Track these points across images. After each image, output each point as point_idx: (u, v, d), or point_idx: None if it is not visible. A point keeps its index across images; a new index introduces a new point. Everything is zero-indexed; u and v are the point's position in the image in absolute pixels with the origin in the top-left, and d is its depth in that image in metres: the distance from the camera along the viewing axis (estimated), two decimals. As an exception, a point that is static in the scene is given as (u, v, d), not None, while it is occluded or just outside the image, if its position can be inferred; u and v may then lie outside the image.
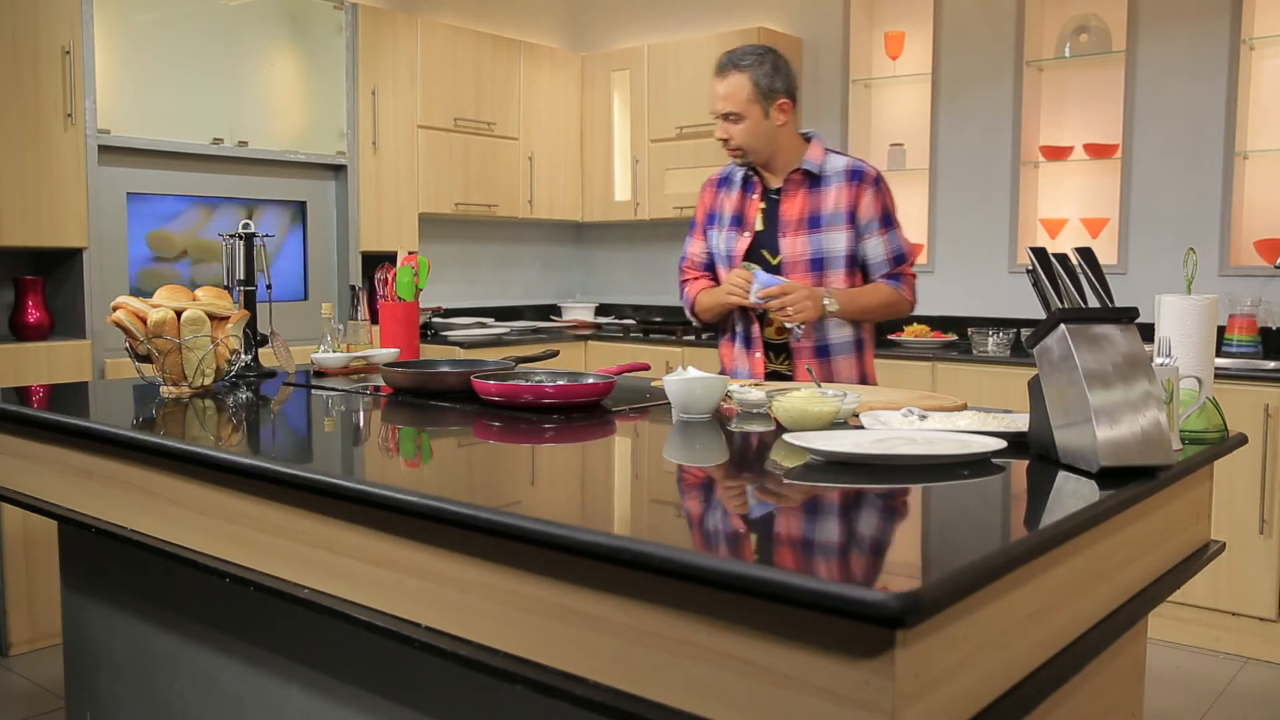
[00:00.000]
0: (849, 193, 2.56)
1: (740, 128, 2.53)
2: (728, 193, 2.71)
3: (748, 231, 2.63)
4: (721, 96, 2.53)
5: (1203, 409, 1.76)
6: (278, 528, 1.59)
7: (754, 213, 2.64)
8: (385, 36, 4.48)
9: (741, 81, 2.52)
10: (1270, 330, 3.85)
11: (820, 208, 2.57)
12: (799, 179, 2.59)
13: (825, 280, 2.56)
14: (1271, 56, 3.94)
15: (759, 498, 1.47)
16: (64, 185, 3.51)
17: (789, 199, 2.59)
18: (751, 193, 2.65)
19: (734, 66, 2.53)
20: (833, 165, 2.60)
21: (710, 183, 2.78)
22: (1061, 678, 1.28)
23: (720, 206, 2.71)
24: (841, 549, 1.18)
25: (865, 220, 2.57)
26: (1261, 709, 3.08)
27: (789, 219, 2.59)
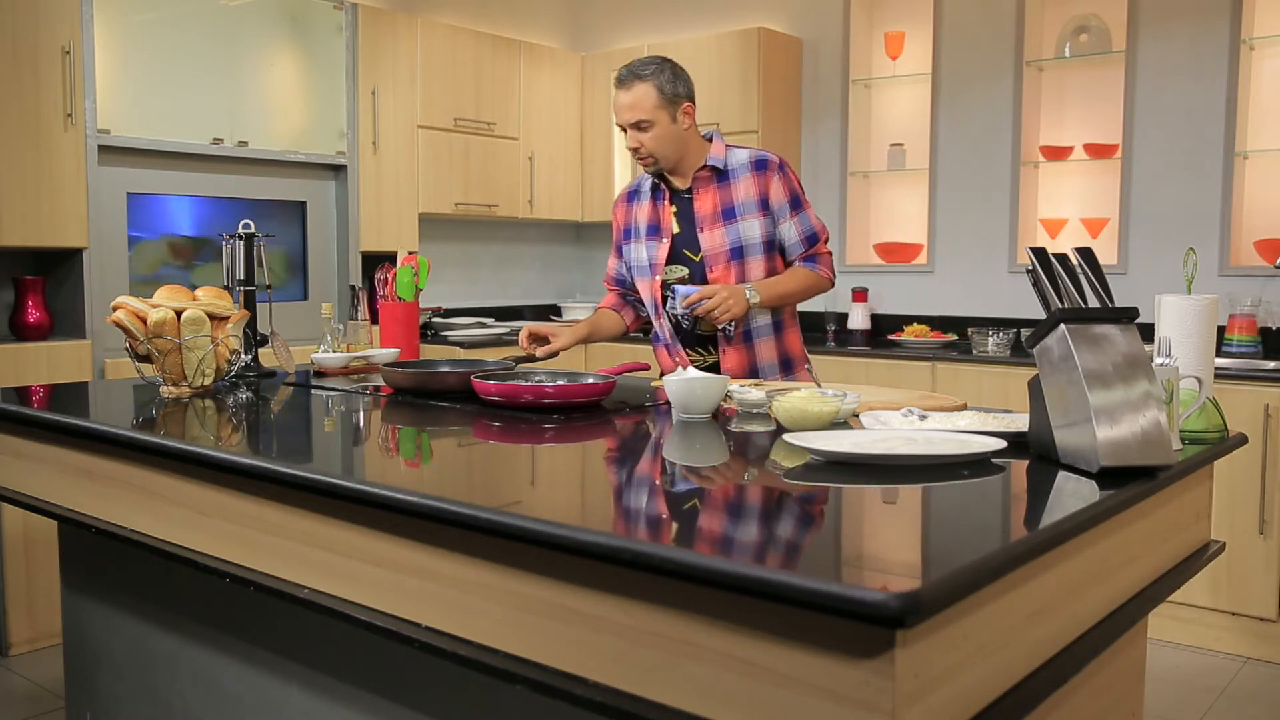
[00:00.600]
0: (757, 181, 2.64)
1: (650, 135, 2.59)
2: (639, 204, 2.78)
3: (665, 237, 2.70)
4: (628, 106, 2.59)
5: (1203, 409, 1.76)
6: (278, 528, 1.59)
7: (668, 218, 2.70)
8: (385, 36, 4.48)
9: (646, 90, 2.59)
10: (1270, 330, 3.85)
11: (732, 199, 2.65)
12: (706, 175, 2.66)
13: (747, 267, 2.63)
14: (1271, 56, 3.94)
15: (759, 498, 1.47)
16: (64, 185, 3.51)
17: (701, 196, 2.66)
18: (661, 199, 2.72)
19: (635, 77, 2.60)
20: (736, 158, 2.68)
21: (620, 199, 2.86)
22: (1061, 678, 1.28)
23: (634, 219, 2.78)
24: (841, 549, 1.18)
25: (776, 206, 2.65)
26: (1261, 709, 3.08)
27: (704, 214, 2.65)
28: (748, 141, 4.79)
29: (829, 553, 1.19)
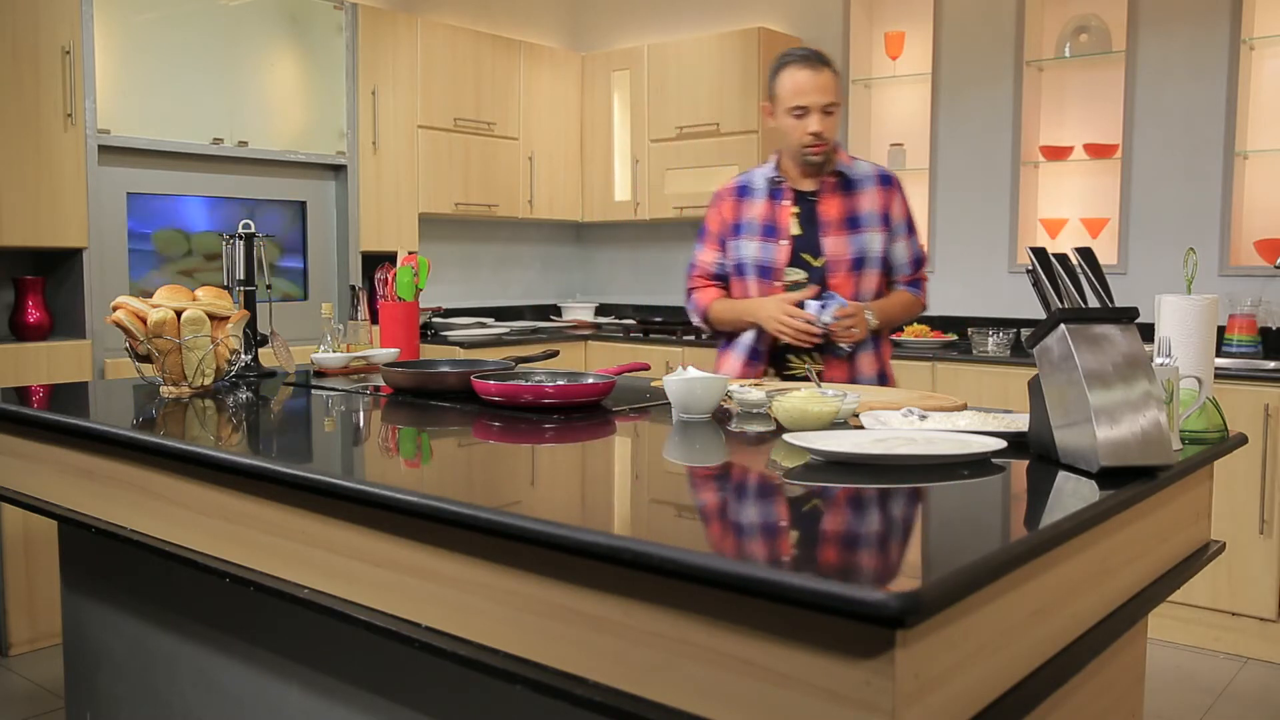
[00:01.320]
0: (881, 196, 2.62)
1: (833, 120, 2.54)
2: (751, 201, 2.67)
3: (784, 239, 2.61)
4: (821, 88, 2.51)
5: (1203, 409, 1.76)
6: (278, 528, 1.59)
7: (786, 219, 2.62)
8: (385, 36, 4.48)
9: (832, 76, 2.54)
10: (1270, 330, 3.85)
11: (857, 209, 2.61)
12: (834, 181, 2.62)
13: (864, 279, 2.60)
14: (1271, 56, 3.94)
15: (759, 498, 1.47)
16: (64, 185, 3.51)
17: (827, 200, 2.61)
18: (781, 199, 2.63)
19: (823, 61, 2.54)
20: (861, 169, 2.65)
21: (727, 193, 2.74)
22: (1061, 678, 1.28)
23: (744, 216, 2.67)
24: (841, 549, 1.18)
25: (895, 223, 2.64)
26: (1261, 709, 3.08)
27: (829, 219, 2.60)
28: (748, 141, 4.79)
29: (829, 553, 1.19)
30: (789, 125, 2.57)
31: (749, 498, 1.50)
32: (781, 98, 2.57)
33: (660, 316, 5.42)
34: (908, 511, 1.36)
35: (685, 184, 5.02)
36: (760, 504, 1.44)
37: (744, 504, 1.46)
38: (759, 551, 1.19)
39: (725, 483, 1.59)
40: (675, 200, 5.05)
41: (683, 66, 5.00)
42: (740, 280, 2.68)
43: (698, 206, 4.94)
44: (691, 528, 1.31)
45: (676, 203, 5.04)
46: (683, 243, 5.46)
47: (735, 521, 1.35)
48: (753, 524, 1.33)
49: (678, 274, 5.48)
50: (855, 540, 1.22)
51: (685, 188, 5.02)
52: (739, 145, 4.82)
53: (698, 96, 4.95)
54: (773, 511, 1.39)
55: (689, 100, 4.98)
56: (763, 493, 1.50)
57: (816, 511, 1.37)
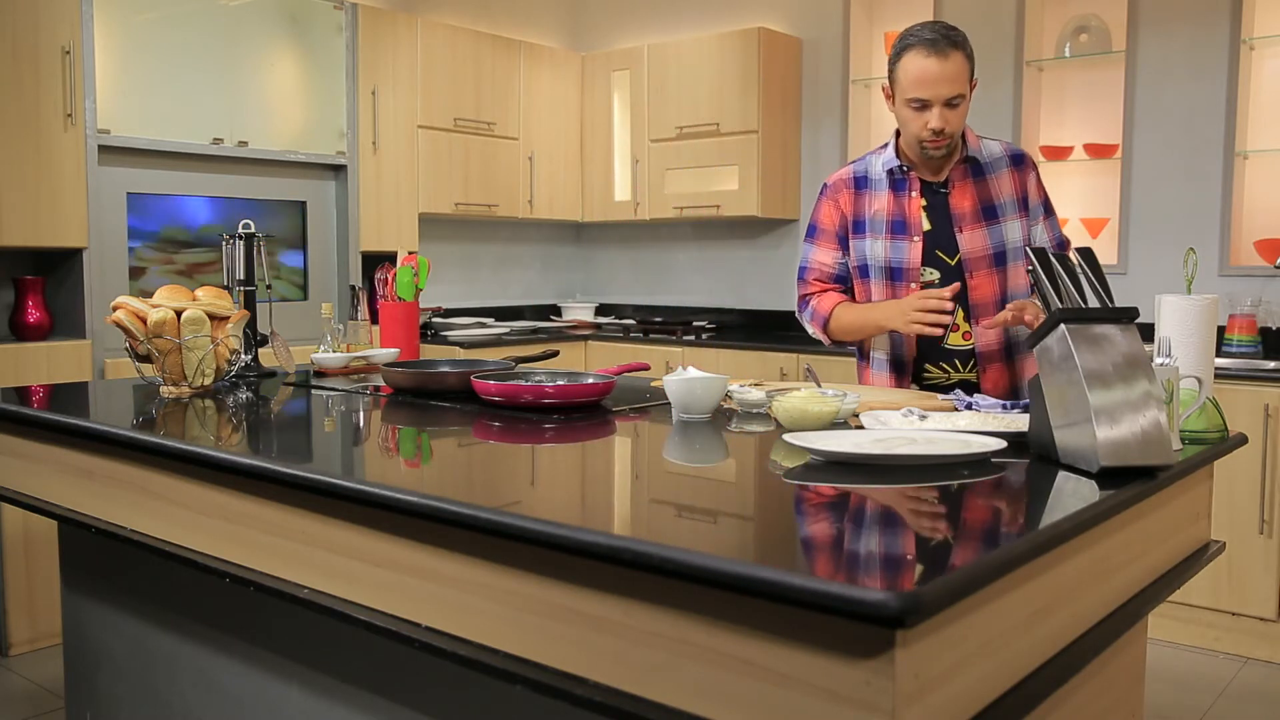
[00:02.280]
0: (1015, 178, 2.38)
1: (959, 111, 2.26)
2: (872, 194, 2.42)
3: (916, 236, 2.35)
4: (946, 78, 2.22)
5: (1203, 409, 1.76)
6: (278, 528, 1.59)
7: (916, 213, 2.36)
8: (385, 36, 4.48)
9: (961, 61, 2.24)
10: (1270, 330, 3.85)
11: (993, 196, 2.36)
12: (964, 169, 2.37)
13: (1009, 273, 2.36)
14: (1271, 56, 3.94)
15: (759, 498, 1.47)
16: (64, 185, 3.51)
17: (959, 191, 2.36)
18: (907, 190, 2.38)
19: (952, 43, 2.23)
20: (990, 150, 2.40)
21: (841, 185, 2.47)
22: (1061, 678, 1.28)
23: (866, 211, 2.41)
24: (841, 549, 1.18)
25: (1033, 206, 2.40)
26: (1261, 709, 3.08)
27: (962, 212, 2.35)
28: (748, 141, 4.79)
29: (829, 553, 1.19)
30: (906, 116, 2.31)
31: (749, 498, 1.50)
32: (900, 85, 2.30)
33: (660, 316, 5.42)
34: (908, 511, 1.36)
35: (685, 184, 5.02)
36: (760, 504, 1.44)
37: (744, 504, 1.46)
38: (759, 551, 1.19)
39: (725, 483, 1.59)
40: (675, 200, 5.05)
41: (683, 66, 5.00)
42: (864, 283, 2.43)
43: (698, 206, 4.95)
44: (691, 528, 1.31)
45: (676, 203, 5.04)
46: (683, 243, 5.47)
47: (736, 522, 1.35)
48: (753, 524, 1.33)
49: (678, 274, 5.49)
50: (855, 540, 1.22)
51: (685, 188, 5.02)
52: (739, 145, 4.82)
53: (698, 96, 4.95)
54: (773, 512, 1.39)
55: (689, 100, 4.98)
56: (763, 493, 1.50)
57: (817, 511, 1.37)
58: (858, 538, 1.23)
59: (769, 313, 5.15)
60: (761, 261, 5.19)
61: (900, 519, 1.33)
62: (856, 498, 1.39)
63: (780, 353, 4.36)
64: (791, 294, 5.07)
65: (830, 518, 1.34)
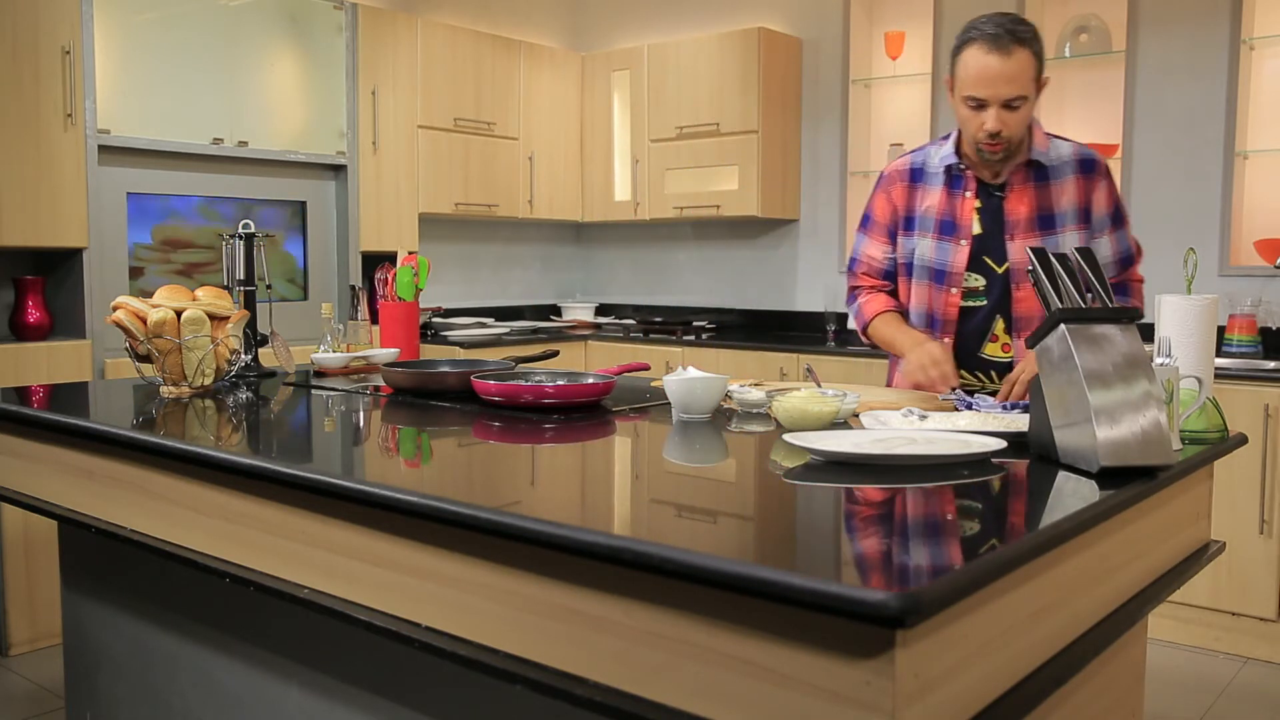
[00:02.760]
0: (1081, 186, 2.22)
1: (1019, 115, 2.10)
2: (926, 189, 2.29)
3: (965, 239, 2.23)
4: (1007, 77, 2.06)
5: (1203, 409, 1.76)
6: (278, 528, 1.59)
7: (968, 214, 2.24)
8: (385, 36, 4.48)
9: (1027, 59, 2.07)
10: (1270, 330, 3.85)
11: (1052, 205, 2.21)
12: (1026, 172, 2.22)
13: None
14: (1271, 56, 3.94)
15: (759, 498, 1.47)
16: (64, 185, 3.51)
17: (1016, 195, 2.21)
18: (962, 190, 2.25)
19: (1016, 40, 2.06)
20: (1058, 152, 2.24)
21: (897, 176, 2.34)
22: (1061, 678, 1.28)
23: (919, 207, 2.29)
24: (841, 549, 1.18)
25: (1098, 217, 2.24)
26: (1261, 709, 3.08)
27: (1017, 219, 2.21)
28: (748, 141, 4.79)
29: (829, 553, 1.19)
30: (963, 115, 2.17)
31: (749, 498, 1.50)
32: (958, 80, 2.15)
33: (660, 316, 5.42)
34: (908, 511, 1.36)
35: (685, 184, 5.02)
36: (760, 504, 1.44)
37: (744, 504, 1.46)
38: (759, 551, 1.19)
39: (725, 483, 1.59)
40: (675, 200, 5.05)
41: (683, 66, 5.00)
42: (908, 281, 2.34)
43: (698, 206, 4.95)
44: (691, 528, 1.31)
45: (676, 203, 5.04)
46: (683, 243, 5.47)
47: (735, 521, 1.35)
48: (753, 524, 1.33)
49: (678, 274, 5.49)
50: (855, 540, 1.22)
51: (685, 188, 5.02)
52: (739, 145, 4.82)
53: (698, 96, 4.95)
54: (773, 512, 1.39)
55: (689, 100, 4.98)
56: (763, 493, 1.50)
57: (817, 511, 1.37)
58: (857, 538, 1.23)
59: (769, 313, 5.15)
60: (761, 261, 5.19)
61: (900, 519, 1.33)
62: (856, 498, 1.39)
63: (780, 353, 4.36)
64: (791, 294, 5.09)
65: (830, 518, 1.34)
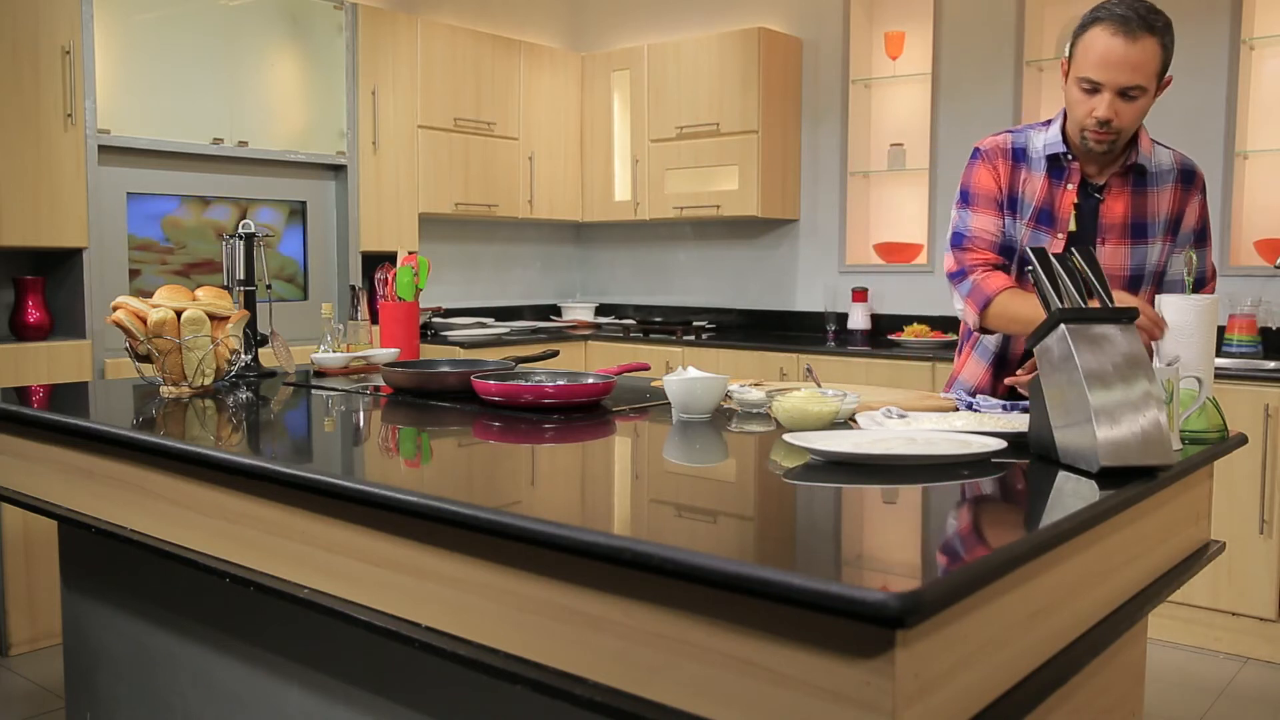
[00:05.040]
0: (1176, 197, 2.14)
1: (1136, 107, 1.99)
2: (1028, 172, 2.16)
3: (1061, 234, 2.13)
4: (1131, 64, 1.94)
5: (1203, 409, 1.76)
6: (278, 528, 1.59)
7: (1068, 209, 2.13)
8: (385, 36, 4.48)
9: (1154, 49, 1.95)
10: (1270, 330, 3.85)
11: (1146, 213, 2.12)
12: (1127, 175, 2.13)
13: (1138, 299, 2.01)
14: (1271, 56, 3.94)
15: (759, 498, 1.47)
16: (64, 185, 3.51)
17: (1113, 198, 2.12)
18: (1064, 181, 2.13)
19: (1148, 28, 1.94)
20: (1160, 159, 2.15)
21: (998, 152, 2.19)
22: (1061, 678, 1.28)
23: (1020, 190, 2.16)
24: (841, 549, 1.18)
25: (1185, 231, 2.15)
26: (1261, 709, 3.08)
27: (1110, 223, 2.12)
28: (748, 141, 4.79)
29: (829, 553, 1.19)
30: (1074, 97, 2.03)
31: (749, 498, 1.50)
32: (1076, 61, 2.02)
33: (660, 316, 5.42)
34: (907, 511, 1.36)
35: (685, 184, 5.02)
36: (760, 504, 1.44)
37: (744, 504, 1.46)
38: (759, 551, 1.19)
39: (725, 483, 1.59)
40: (675, 200, 5.05)
41: (683, 66, 5.00)
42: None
43: (698, 206, 4.95)
44: (691, 528, 1.31)
45: (676, 203, 5.04)
46: (683, 243, 5.47)
47: (735, 521, 1.35)
48: (753, 524, 1.33)
49: (678, 274, 5.49)
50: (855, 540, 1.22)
51: (685, 188, 5.02)
52: (739, 145, 4.82)
53: (698, 96, 4.95)
54: (773, 512, 1.39)
55: (689, 100, 4.98)
56: (762, 493, 1.50)
57: (817, 511, 1.37)
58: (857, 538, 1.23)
59: (769, 313, 5.15)
60: (761, 261, 5.19)
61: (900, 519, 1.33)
62: (856, 498, 1.39)
63: (780, 353, 4.36)
64: (791, 294, 5.09)
65: (830, 518, 1.34)
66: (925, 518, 1.34)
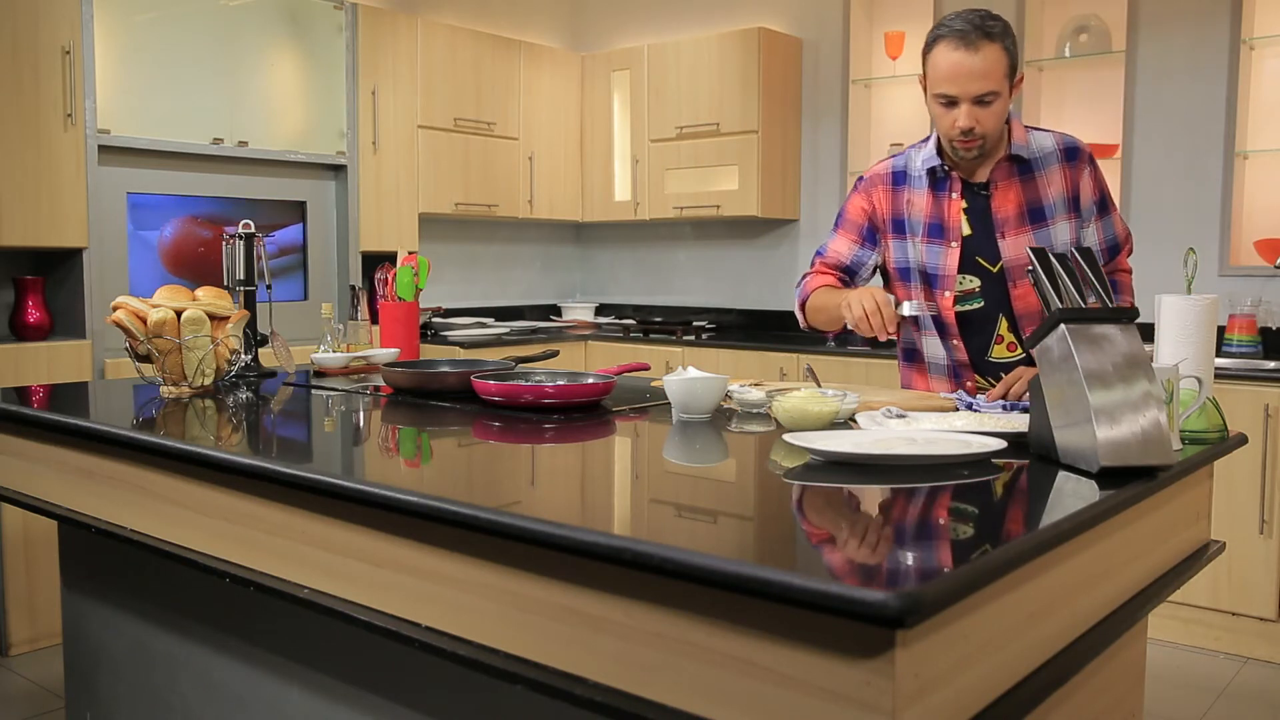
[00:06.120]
0: (1066, 175, 2.19)
1: (992, 111, 2.07)
2: (911, 191, 2.25)
3: (954, 241, 2.20)
4: (977, 74, 2.03)
5: (1203, 409, 1.76)
6: (278, 528, 1.59)
7: (956, 216, 2.20)
8: (385, 36, 4.48)
9: (997, 54, 2.04)
10: (1270, 330, 3.85)
11: (1040, 197, 2.18)
12: (1008, 166, 2.19)
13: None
14: (1271, 56, 3.94)
15: (759, 498, 1.47)
16: (64, 185, 3.51)
17: (1001, 192, 2.18)
18: (947, 191, 2.21)
19: (985, 35, 2.03)
20: (1039, 144, 2.20)
21: (878, 181, 2.30)
22: (1061, 678, 1.28)
23: (906, 211, 2.26)
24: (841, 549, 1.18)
25: (1085, 205, 2.21)
26: (1261, 709, 3.08)
27: (1005, 216, 2.18)
28: (748, 141, 4.79)
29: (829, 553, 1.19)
30: (936, 113, 2.13)
31: (749, 498, 1.50)
32: (929, 79, 2.13)
33: (660, 316, 5.42)
34: (908, 511, 1.36)
35: (685, 184, 5.02)
36: (760, 504, 1.44)
37: (744, 504, 1.46)
38: (759, 551, 1.19)
39: (725, 483, 1.59)
40: (675, 200, 5.05)
41: (683, 66, 5.00)
42: (904, 286, 2.30)
43: (698, 206, 4.95)
44: (691, 528, 1.31)
45: (676, 203, 5.04)
46: (683, 243, 5.47)
47: (735, 521, 1.35)
48: (753, 524, 1.33)
49: (678, 274, 5.49)
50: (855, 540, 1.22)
51: (685, 188, 5.02)
52: (739, 145, 4.82)
53: (698, 96, 4.95)
54: (773, 512, 1.39)
55: (689, 100, 4.98)
56: (763, 493, 1.50)
57: (817, 511, 1.37)
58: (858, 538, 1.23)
59: (769, 313, 5.15)
60: (761, 261, 5.19)
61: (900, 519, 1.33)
62: (856, 498, 1.39)
63: (780, 353, 4.36)
64: (791, 294, 5.08)
65: (830, 518, 1.34)
66: (925, 518, 1.34)
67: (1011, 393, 2.11)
